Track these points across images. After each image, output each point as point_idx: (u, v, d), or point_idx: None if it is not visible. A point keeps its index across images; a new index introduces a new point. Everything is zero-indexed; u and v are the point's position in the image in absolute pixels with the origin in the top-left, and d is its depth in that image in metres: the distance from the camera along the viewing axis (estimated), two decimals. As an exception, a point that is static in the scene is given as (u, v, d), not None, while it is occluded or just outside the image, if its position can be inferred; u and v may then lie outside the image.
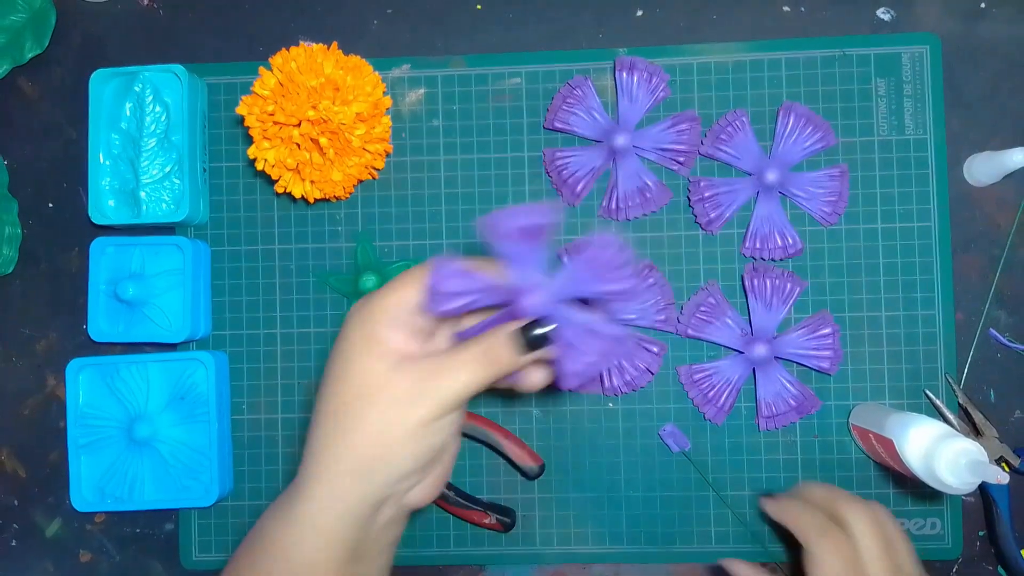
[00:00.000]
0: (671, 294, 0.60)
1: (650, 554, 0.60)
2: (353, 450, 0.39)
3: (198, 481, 0.60)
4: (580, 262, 0.38)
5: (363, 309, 0.40)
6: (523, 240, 0.38)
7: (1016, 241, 0.60)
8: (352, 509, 0.39)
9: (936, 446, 0.48)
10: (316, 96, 0.53)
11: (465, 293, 0.38)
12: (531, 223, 0.37)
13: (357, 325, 0.40)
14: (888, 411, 0.54)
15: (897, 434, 0.51)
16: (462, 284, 0.38)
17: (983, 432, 0.58)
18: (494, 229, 0.37)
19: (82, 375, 0.61)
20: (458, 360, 0.39)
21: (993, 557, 0.59)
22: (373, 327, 0.39)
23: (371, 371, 0.39)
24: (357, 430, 0.39)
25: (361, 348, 0.39)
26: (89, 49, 0.64)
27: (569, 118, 0.60)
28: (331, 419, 0.39)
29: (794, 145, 0.60)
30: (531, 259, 0.38)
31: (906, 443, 0.50)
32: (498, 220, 0.37)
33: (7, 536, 0.63)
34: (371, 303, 0.40)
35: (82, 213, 0.63)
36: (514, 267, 0.38)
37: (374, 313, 0.39)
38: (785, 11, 0.62)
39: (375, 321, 0.39)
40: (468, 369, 0.39)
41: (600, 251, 0.38)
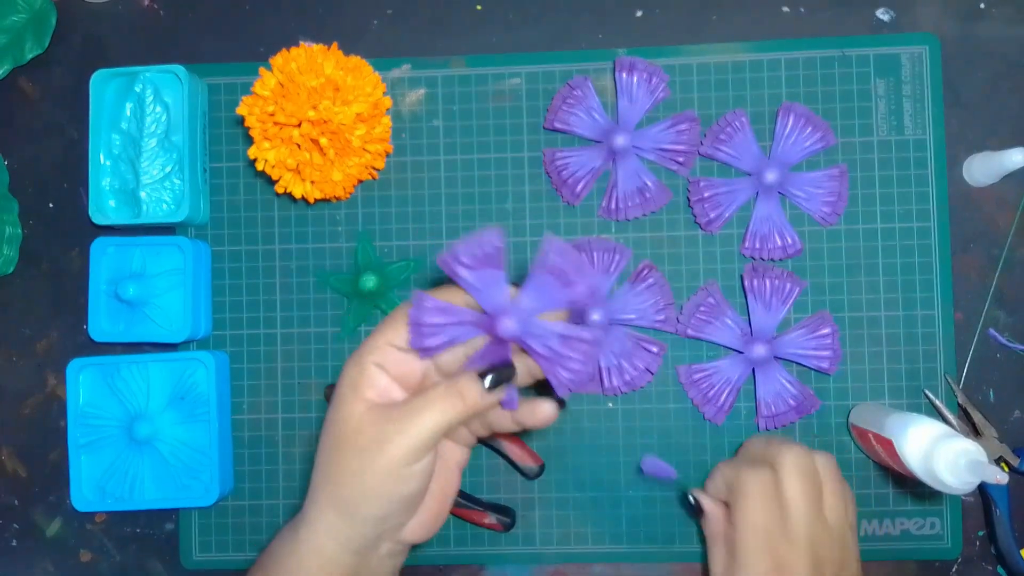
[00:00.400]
0: (670, 294, 0.60)
1: (650, 554, 0.60)
2: (336, 491, 0.41)
3: (198, 481, 0.60)
4: (539, 275, 0.40)
5: (355, 353, 0.42)
6: (480, 268, 0.40)
7: (1015, 241, 0.60)
8: (346, 542, 0.41)
9: (935, 446, 0.48)
10: (316, 96, 0.53)
11: (445, 326, 0.40)
12: (481, 252, 0.39)
13: (347, 369, 0.42)
14: (887, 411, 0.54)
15: (896, 434, 0.51)
16: (441, 317, 0.40)
17: (982, 432, 0.58)
18: (449, 266, 0.39)
19: (82, 375, 0.61)
20: (425, 401, 0.40)
21: (992, 557, 0.59)
22: (360, 372, 0.41)
23: (350, 416, 0.41)
24: (337, 473, 0.41)
25: (347, 392, 0.41)
26: (90, 49, 0.64)
27: (569, 118, 0.60)
28: (321, 458, 0.42)
29: (793, 145, 0.60)
30: (493, 284, 0.40)
31: (905, 443, 0.50)
32: (450, 257, 0.39)
33: (7, 536, 0.63)
34: (362, 347, 0.42)
35: (83, 213, 0.63)
36: (479, 296, 0.40)
37: (362, 357, 0.41)
38: (784, 12, 0.62)
39: (362, 366, 0.41)
40: (435, 409, 0.40)
41: (554, 259, 0.39)
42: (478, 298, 0.40)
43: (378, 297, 0.60)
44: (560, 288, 0.40)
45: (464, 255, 0.39)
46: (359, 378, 0.41)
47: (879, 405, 0.59)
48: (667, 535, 0.60)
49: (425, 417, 0.40)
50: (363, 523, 0.41)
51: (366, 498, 0.40)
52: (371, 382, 0.41)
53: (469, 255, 0.39)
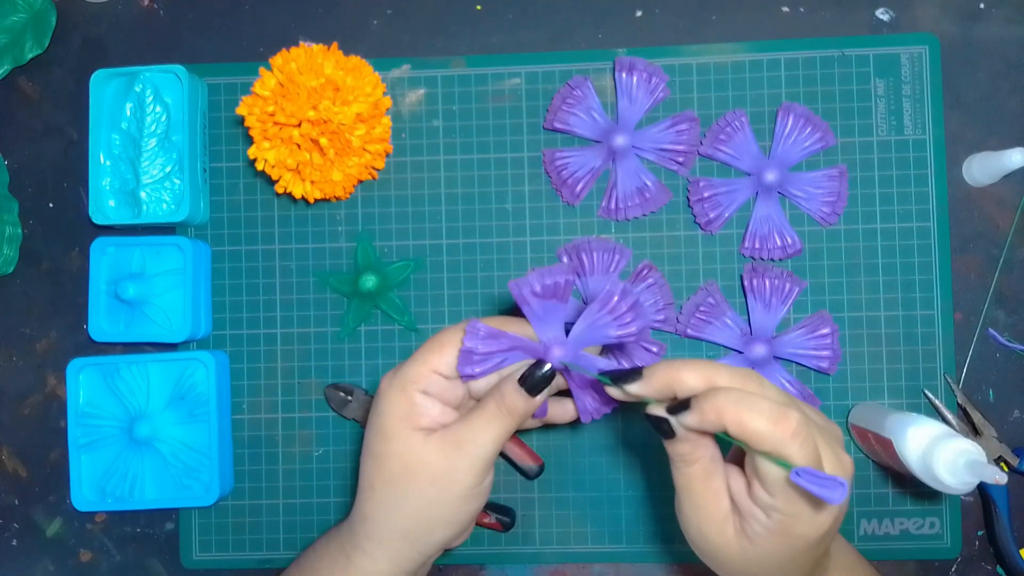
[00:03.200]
0: (670, 294, 0.60)
1: (650, 554, 0.60)
2: (403, 521, 0.42)
3: (198, 481, 0.60)
4: (597, 312, 0.41)
5: (397, 381, 0.42)
6: (545, 299, 0.41)
7: (1015, 241, 0.60)
8: (405, 564, 0.43)
9: (934, 446, 0.48)
10: (316, 96, 0.54)
11: (496, 353, 0.41)
12: (551, 282, 0.40)
13: (392, 400, 0.41)
14: (886, 411, 0.55)
15: (895, 434, 0.51)
16: (494, 345, 0.41)
17: (982, 432, 0.58)
18: (520, 292, 0.40)
19: (82, 375, 0.61)
20: (483, 421, 0.41)
21: (992, 557, 0.59)
22: (410, 404, 0.41)
23: (410, 449, 0.41)
24: (403, 506, 0.42)
25: (398, 426, 0.41)
26: (90, 49, 0.64)
27: (569, 118, 0.60)
28: (381, 490, 0.42)
29: (793, 145, 0.60)
30: (553, 315, 0.42)
31: (904, 443, 0.50)
32: (523, 284, 0.40)
33: (7, 536, 0.63)
34: (404, 375, 0.41)
35: (82, 213, 0.63)
36: (539, 325, 0.42)
37: (407, 387, 0.41)
38: (784, 12, 0.62)
39: (410, 397, 0.41)
40: (491, 428, 0.41)
41: (610, 299, 0.41)
42: (537, 326, 0.42)
43: (378, 297, 0.60)
44: (614, 327, 0.41)
45: (536, 283, 0.40)
46: (410, 410, 0.41)
47: (878, 405, 0.59)
48: (667, 535, 0.60)
49: (486, 436, 0.41)
50: (432, 546, 0.43)
51: (441, 524, 0.42)
52: (422, 411, 0.41)
53: (540, 284, 0.40)
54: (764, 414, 0.35)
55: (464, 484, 0.41)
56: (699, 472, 0.40)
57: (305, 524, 0.61)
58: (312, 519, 0.61)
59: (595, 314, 0.41)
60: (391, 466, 0.41)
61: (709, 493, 0.40)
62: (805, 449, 0.35)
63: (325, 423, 0.62)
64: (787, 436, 0.35)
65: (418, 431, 0.41)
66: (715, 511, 0.40)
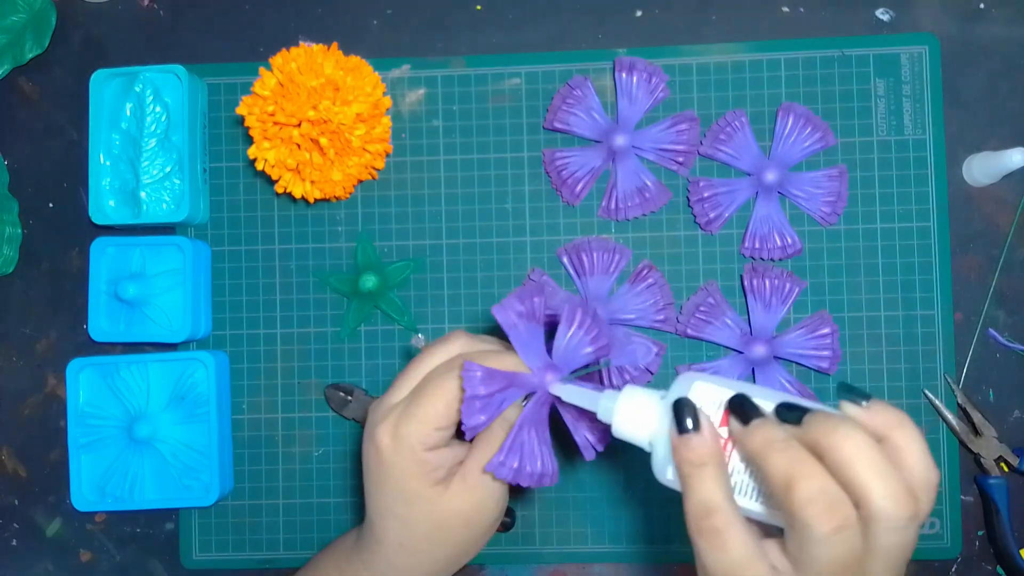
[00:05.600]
0: (670, 294, 0.60)
1: (650, 554, 0.60)
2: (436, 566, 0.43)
3: (198, 481, 0.60)
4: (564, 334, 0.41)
5: (403, 444, 0.40)
6: (528, 321, 0.40)
7: (1015, 241, 0.60)
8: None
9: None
10: (316, 96, 0.54)
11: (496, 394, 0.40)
12: (528, 306, 0.40)
13: (405, 464, 0.40)
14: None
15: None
16: (492, 385, 0.40)
17: (982, 432, 0.58)
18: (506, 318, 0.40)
19: (82, 375, 0.61)
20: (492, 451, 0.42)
21: (992, 557, 0.59)
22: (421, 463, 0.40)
23: (436, 507, 0.41)
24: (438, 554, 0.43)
25: (418, 487, 0.41)
26: (90, 49, 0.64)
27: (569, 118, 0.60)
28: (412, 547, 0.42)
29: (793, 145, 0.60)
30: (535, 339, 0.41)
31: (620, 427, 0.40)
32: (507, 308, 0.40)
33: (7, 536, 0.63)
34: (408, 438, 0.40)
35: (82, 213, 0.63)
36: (525, 352, 0.41)
37: (415, 450, 0.40)
38: (784, 12, 0.62)
39: (419, 458, 0.40)
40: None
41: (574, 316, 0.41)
42: (523, 353, 0.41)
43: (378, 297, 0.60)
44: (587, 343, 0.41)
45: (519, 306, 0.40)
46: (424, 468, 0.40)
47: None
48: (667, 535, 0.60)
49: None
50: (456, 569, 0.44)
51: (472, 553, 0.44)
52: (436, 465, 0.41)
53: (521, 306, 0.40)
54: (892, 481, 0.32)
55: (492, 516, 0.42)
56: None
57: (305, 524, 0.61)
58: (312, 519, 0.61)
59: (566, 336, 0.41)
60: (421, 528, 0.41)
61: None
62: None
63: (325, 423, 0.62)
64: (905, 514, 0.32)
65: (437, 486, 0.41)
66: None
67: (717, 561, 0.34)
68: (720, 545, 0.34)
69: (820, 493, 0.32)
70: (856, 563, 0.33)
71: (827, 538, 0.32)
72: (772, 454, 0.33)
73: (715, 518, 0.34)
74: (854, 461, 0.32)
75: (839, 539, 0.32)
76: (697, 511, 0.34)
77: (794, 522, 0.33)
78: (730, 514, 0.34)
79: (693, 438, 0.35)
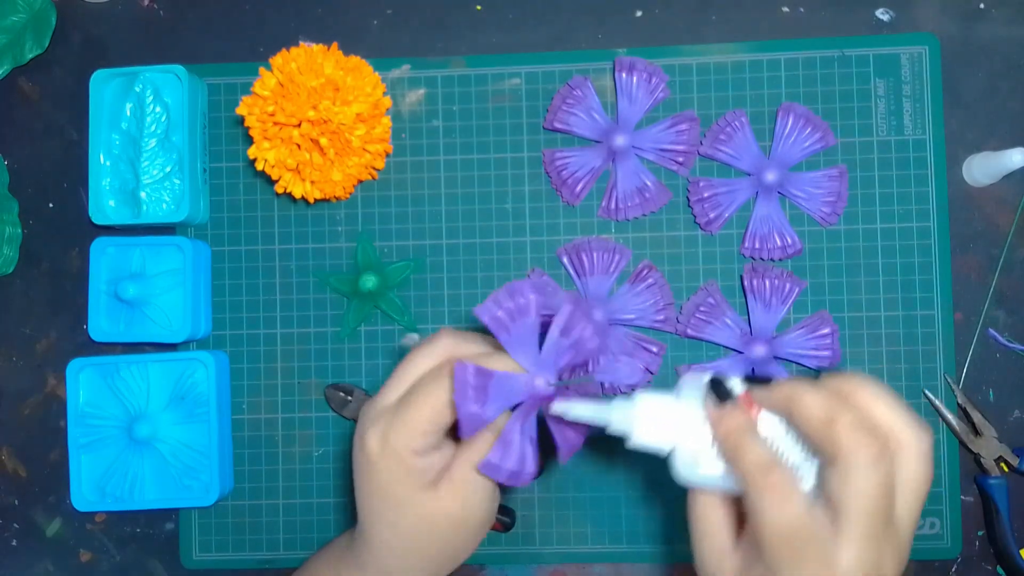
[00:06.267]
0: (670, 294, 0.60)
1: (650, 554, 0.60)
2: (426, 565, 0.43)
3: (198, 481, 0.60)
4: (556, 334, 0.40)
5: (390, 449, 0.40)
6: (517, 320, 0.39)
7: (1015, 241, 0.60)
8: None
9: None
10: (316, 96, 0.54)
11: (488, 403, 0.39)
12: (515, 304, 0.39)
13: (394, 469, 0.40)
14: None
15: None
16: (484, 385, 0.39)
17: (982, 432, 0.58)
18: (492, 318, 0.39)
19: (82, 375, 0.61)
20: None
21: (992, 557, 0.59)
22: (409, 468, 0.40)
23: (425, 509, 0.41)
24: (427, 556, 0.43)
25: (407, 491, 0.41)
26: (90, 49, 0.64)
27: (569, 118, 0.61)
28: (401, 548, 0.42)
29: (793, 145, 0.60)
30: (527, 337, 0.40)
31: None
32: (490, 308, 0.39)
33: (7, 536, 0.63)
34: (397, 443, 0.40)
35: (82, 213, 0.63)
36: (515, 352, 0.40)
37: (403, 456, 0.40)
38: (784, 12, 0.62)
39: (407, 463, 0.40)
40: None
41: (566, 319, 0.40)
42: (515, 354, 0.40)
43: (378, 297, 0.60)
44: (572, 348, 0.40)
45: (504, 304, 0.39)
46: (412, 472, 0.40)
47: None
48: (667, 535, 0.60)
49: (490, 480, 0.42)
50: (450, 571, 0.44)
51: (463, 555, 0.43)
52: (424, 469, 0.41)
53: (508, 305, 0.39)
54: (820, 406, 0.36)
55: (483, 516, 0.42)
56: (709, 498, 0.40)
57: (305, 524, 0.61)
58: (312, 519, 0.61)
59: (557, 336, 0.40)
60: (410, 531, 0.41)
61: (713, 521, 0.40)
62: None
63: (325, 423, 0.62)
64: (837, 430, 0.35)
65: (426, 489, 0.41)
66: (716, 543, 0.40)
67: (782, 516, 0.35)
68: (785, 497, 0.35)
69: (861, 422, 0.35)
70: (892, 494, 0.35)
71: (872, 464, 0.35)
72: (807, 396, 0.36)
73: (775, 472, 0.36)
74: (877, 400, 0.37)
75: (881, 465, 0.35)
76: (757, 470, 0.36)
77: (840, 451, 0.35)
78: (786, 467, 0.36)
79: (734, 408, 0.38)
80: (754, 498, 0.36)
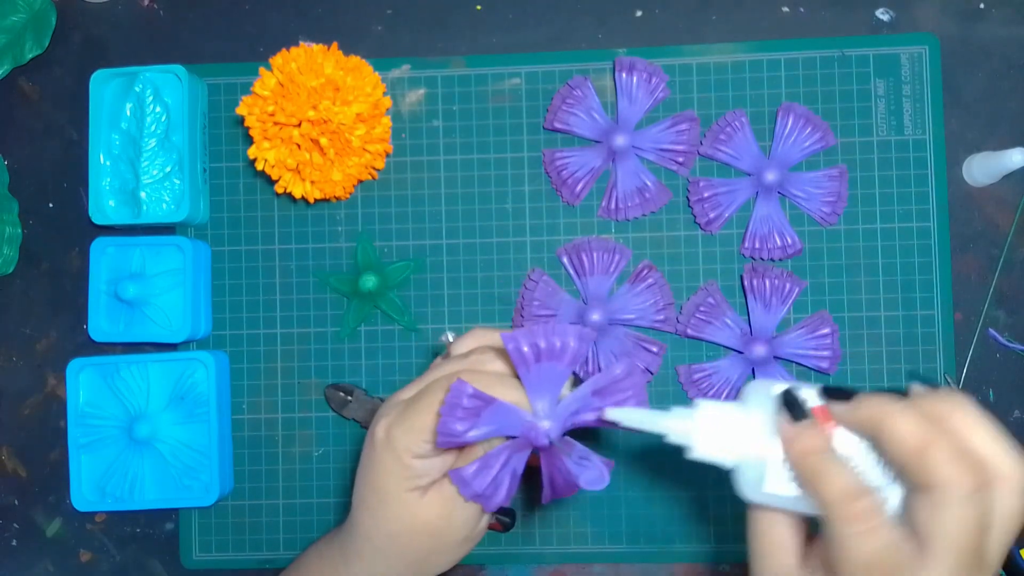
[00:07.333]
0: (670, 294, 0.60)
1: (650, 554, 0.60)
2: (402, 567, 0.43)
3: (198, 481, 0.60)
4: (586, 395, 0.38)
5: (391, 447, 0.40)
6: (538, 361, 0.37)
7: (1015, 241, 0.60)
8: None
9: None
10: (316, 96, 0.54)
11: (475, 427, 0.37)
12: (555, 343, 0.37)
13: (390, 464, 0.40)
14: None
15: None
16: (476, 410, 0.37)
17: (982, 432, 0.58)
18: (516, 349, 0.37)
19: (82, 375, 0.61)
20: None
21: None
22: (404, 468, 0.40)
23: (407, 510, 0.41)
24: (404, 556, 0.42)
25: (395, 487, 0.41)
26: (90, 49, 0.64)
27: (569, 118, 0.60)
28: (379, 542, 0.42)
29: (793, 145, 0.60)
30: (550, 381, 0.38)
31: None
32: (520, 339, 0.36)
33: (7, 536, 0.63)
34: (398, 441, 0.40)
35: (82, 213, 0.63)
36: (532, 391, 0.38)
37: (401, 455, 0.40)
38: (784, 12, 0.62)
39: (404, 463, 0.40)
40: None
41: (608, 382, 0.37)
42: (530, 392, 0.38)
43: (378, 297, 0.60)
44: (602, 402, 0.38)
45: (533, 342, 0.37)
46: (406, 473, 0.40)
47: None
48: (667, 535, 0.60)
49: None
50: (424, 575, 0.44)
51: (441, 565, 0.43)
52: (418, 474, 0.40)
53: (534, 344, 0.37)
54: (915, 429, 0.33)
55: (462, 533, 0.42)
56: (774, 515, 0.37)
57: (305, 524, 0.61)
58: (312, 519, 0.61)
59: (589, 394, 0.38)
60: (389, 525, 0.41)
61: (777, 541, 0.37)
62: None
63: (325, 423, 0.62)
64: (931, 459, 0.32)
65: (414, 491, 0.41)
66: (779, 562, 0.37)
67: (868, 548, 0.33)
68: (871, 529, 0.33)
69: (958, 454, 0.32)
70: (983, 531, 0.32)
71: (969, 498, 0.32)
72: (897, 419, 0.33)
73: (864, 500, 0.33)
74: (975, 427, 0.33)
75: (978, 499, 0.32)
76: (842, 497, 0.33)
77: (934, 483, 0.32)
78: (875, 495, 0.33)
79: (811, 427, 0.35)
80: (836, 527, 0.33)
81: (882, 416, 0.34)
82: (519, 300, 0.61)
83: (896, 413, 0.33)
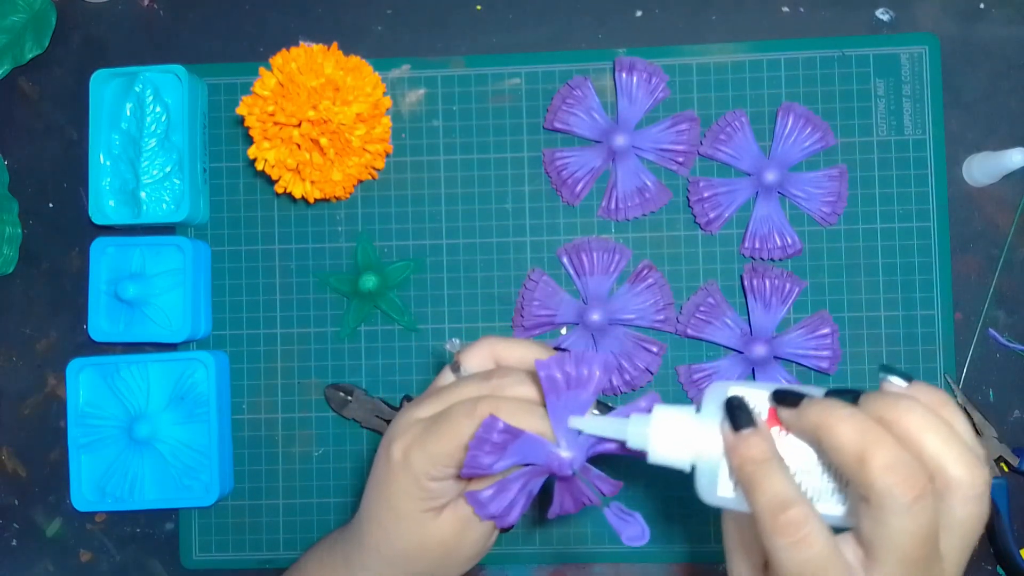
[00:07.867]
0: (670, 294, 0.60)
1: (650, 554, 0.60)
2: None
3: (198, 481, 0.60)
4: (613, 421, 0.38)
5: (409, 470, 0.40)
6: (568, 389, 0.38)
7: (1015, 241, 0.60)
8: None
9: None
10: (316, 96, 0.54)
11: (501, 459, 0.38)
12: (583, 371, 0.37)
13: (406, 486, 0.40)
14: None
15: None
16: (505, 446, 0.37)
17: (982, 432, 0.58)
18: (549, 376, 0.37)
19: (82, 375, 0.61)
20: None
21: (992, 557, 0.59)
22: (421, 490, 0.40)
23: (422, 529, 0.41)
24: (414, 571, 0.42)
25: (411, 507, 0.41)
26: (90, 49, 0.64)
27: (569, 118, 0.60)
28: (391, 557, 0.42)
29: (793, 145, 0.60)
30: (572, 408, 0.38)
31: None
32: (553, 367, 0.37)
33: (7, 536, 0.63)
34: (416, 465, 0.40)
35: (82, 213, 0.63)
36: (556, 419, 0.38)
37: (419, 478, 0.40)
38: (784, 12, 0.62)
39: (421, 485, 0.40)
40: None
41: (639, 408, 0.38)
42: (554, 420, 0.38)
43: (378, 297, 0.60)
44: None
45: (564, 370, 0.37)
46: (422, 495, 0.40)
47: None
48: (667, 535, 0.60)
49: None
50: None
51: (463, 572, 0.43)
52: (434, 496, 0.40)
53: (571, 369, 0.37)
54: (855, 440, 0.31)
55: (475, 550, 0.42)
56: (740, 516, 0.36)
57: (305, 524, 0.61)
58: (312, 519, 0.61)
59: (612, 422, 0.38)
60: (402, 543, 0.41)
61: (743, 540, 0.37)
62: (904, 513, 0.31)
63: (325, 423, 0.62)
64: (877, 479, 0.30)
65: (430, 512, 0.41)
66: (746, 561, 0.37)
67: (798, 559, 0.32)
68: (803, 539, 0.32)
69: (898, 460, 0.31)
70: (933, 538, 0.31)
71: (909, 507, 0.30)
72: (839, 425, 0.32)
73: (792, 511, 0.32)
74: (925, 431, 0.31)
75: (920, 508, 0.30)
76: (772, 507, 0.32)
77: (872, 493, 0.31)
78: (807, 506, 0.32)
79: (752, 435, 0.34)
80: (766, 538, 0.32)
81: (822, 424, 0.32)
82: (519, 300, 0.61)
83: (838, 420, 0.32)
